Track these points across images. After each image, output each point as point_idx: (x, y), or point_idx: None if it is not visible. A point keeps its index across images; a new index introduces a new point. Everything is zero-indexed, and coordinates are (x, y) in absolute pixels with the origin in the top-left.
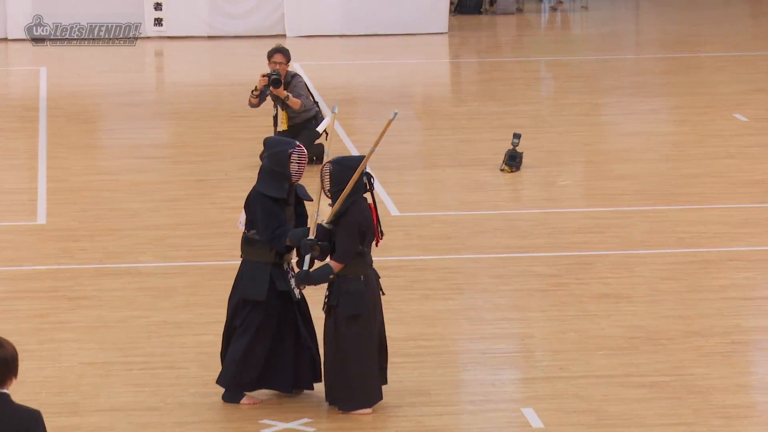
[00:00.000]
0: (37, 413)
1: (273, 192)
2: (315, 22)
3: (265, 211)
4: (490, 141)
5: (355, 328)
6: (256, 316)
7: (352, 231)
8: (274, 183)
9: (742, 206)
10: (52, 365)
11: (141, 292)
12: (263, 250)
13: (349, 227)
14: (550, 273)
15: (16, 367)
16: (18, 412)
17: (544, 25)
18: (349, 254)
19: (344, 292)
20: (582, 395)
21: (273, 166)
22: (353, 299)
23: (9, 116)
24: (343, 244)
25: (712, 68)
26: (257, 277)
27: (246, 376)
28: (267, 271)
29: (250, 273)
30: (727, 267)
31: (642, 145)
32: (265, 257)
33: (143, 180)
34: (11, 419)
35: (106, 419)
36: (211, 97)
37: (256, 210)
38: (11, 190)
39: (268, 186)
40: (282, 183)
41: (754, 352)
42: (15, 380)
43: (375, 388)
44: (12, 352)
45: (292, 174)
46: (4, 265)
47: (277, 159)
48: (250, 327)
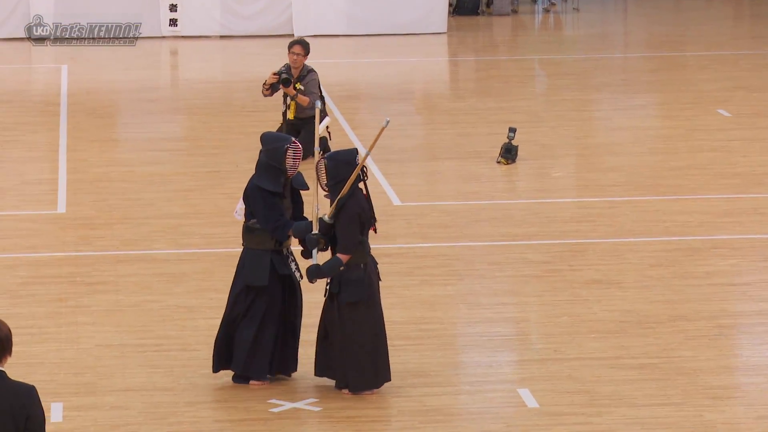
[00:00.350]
0: (32, 388)
1: (270, 186)
2: (321, 22)
3: (265, 203)
4: (487, 135)
5: (357, 313)
6: (261, 304)
7: (353, 222)
8: (271, 177)
9: (726, 197)
10: (70, 347)
11: (155, 278)
12: (263, 237)
13: (350, 219)
14: (543, 260)
15: (11, 346)
16: (14, 388)
17: (537, 26)
18: (353, 244)
19: (345, 280)
20: (575, 376)
21: (269, 161)
22: (355, 286)
23: (32, 111)
24: (346, 236)
25: (696, 67)
26: (259, 263)
27: (257, 363)
28: (267, 257)
29: (252, 260)
30: (712, 254)
31: (630, 139)
32: (266, 244)
33: (158, 171)
34: (8, 394)
35: (121, 399)
36: (222, 93)
37: (256, 202)
38: (33, 180)
39: (265, 180)
40: (278, 177)
41: (739, 335)
42: (9, 358)
43: (383, 369)
44: (6, 332)
45: (287, 168)
46: (25, 251)
47: (273, 154)
48: (257, 314)
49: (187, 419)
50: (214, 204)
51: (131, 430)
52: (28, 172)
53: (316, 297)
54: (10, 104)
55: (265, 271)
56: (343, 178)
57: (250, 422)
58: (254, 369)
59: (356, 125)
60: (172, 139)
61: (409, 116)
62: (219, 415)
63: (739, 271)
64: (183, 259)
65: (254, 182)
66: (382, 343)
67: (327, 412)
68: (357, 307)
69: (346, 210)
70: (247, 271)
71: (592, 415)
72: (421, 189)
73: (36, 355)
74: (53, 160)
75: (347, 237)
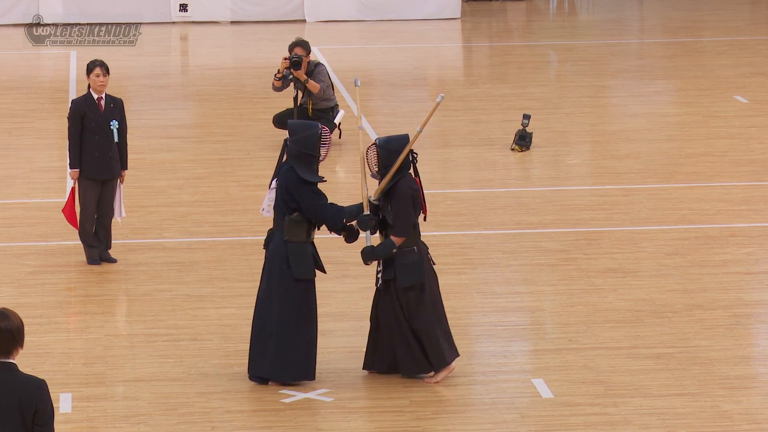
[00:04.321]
0: (42, 382)
1: (312, 177)
2: (332, 7)
3: (313, 194)
4: (501, 122)
5: (415, 297)
6: (310, 298)
7: (407, 204)
8: (308, 167)
9: (743, 184)
10: (79, 337)
11: (165, 267)
12: (303, 229)
13: (404, 201)
14: (558, 248)
15: (23, 338)
16: (24, 381)
17: (552, 11)
18: (408, 227)
19: (400, 265)
20: (590, 366)
21: (303, 149)
22: (411, 270)
23: (40, 98)
24: (401, 218)
25: (713, 52)
26: (304, 257)
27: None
28: (308, 249)
29: (296, 254)
30: (729, 242)
31: (646, 126)
32: (302, 236)
33: (168, 159)
34: (18, 388)
35: (131, 389)
36: (233, 80)
37: (303, 196)
38: (42, 168)
39: (305, 171)
40: (314, 165)
41: (756, 324)
42: (21, 350)
43: (445, 349)
44: (18, 323)
45: (322, 155)
46: (35, 240)
47: (306, 142)
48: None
49: (197, 410)
50: (225, 192)
51: (141, 420)
52: (38, 160)
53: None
54: (19, 91)
55: (310, 263)
56: (394, 163)
57: (262, 413)
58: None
59: (369, 112)
60: (182, 126)
61: (422, 103)
62: (230, 405)
63: (756, 260)
64: (193, 248)
65: (297, 175)
66: (443, 324)
67: (339, 402)
68: (415, 291)
69: (399, 192)
70: (295, 265)
71: (608, 406)
72: (434, 176)
73: (45, 345)
74: (62, 148)
75: (402, 219)
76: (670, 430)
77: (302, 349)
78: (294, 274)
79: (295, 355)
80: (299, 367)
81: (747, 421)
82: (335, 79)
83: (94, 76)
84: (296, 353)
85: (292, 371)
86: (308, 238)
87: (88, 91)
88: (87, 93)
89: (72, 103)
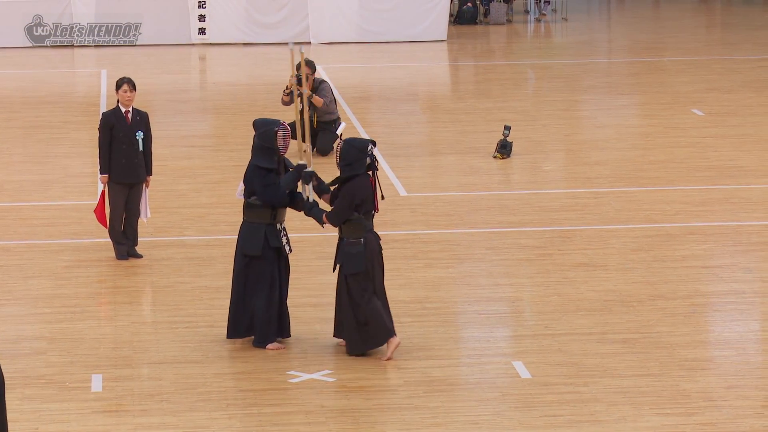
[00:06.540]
0: None
1: (265, 164)
2: (335, 31)
3: (262, 178)
4: (485, 132)
5: (357, 283)
6: (261, 272)
7: (348, 201)
8: (265, 157)
9: (700, 188)
10: (109, 324)
11: (186, 261)
12: (261, 212)
13: (348, 197)
14: (535, 245)
15: None
16: None
17: (530, 34)
18: (340, 218)
19: (346, 254)
20: (564, 350)
21: (262, 142)
22: (354, 259)
23: (75, 111)
24: (337, 211)
25: (673, 71)
26: (254, 235)
27: (270, 328)
28: (262, 230)
29: (248, 232)
30: (688, 240)
31: (614, 136)
32: (262, 218)
33: (188, 165)
34: None
35: (155, 371)
36: (247, 95)
37: (255, 179)
38: (76, 173)
39: (260, 159)
40: (271, 156)
41: (712, 313)
42: None
43: (384, 329)
44: None
45: (279, 148)
46: (69, 237)
47: (265, 137)
48: (262, 283)
49: (214, 389)
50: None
51: (164, 398)
52: (72, 166)
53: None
54: (56, 105)
55: (259, 241)
56: (352, 161)
57: (271, 391)
58: (271, 333)
59: (367, 123)
60: (201, 136)
61: (414, 115)
62: (243, 385)
63: (711, 255)
64: (211, 245)
65: (252, 162)
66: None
67: (340, 382)
68: (358, 277)
69: (346, 188)
70: (244, 241)
71: (580, 385)
72: (425, 181)
73: (79, 332)
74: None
75: (338, 212)
76: (635, 406)
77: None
78: (241, 248)
79: (243, 319)
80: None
81: (704, 399)
82: (337, 94)
83: (122, 91)
84: (245, 317)
85: (240, 329)
86: (273, 220)
87: (116, 105)
88: (116, 107)
89: (102, 116)
